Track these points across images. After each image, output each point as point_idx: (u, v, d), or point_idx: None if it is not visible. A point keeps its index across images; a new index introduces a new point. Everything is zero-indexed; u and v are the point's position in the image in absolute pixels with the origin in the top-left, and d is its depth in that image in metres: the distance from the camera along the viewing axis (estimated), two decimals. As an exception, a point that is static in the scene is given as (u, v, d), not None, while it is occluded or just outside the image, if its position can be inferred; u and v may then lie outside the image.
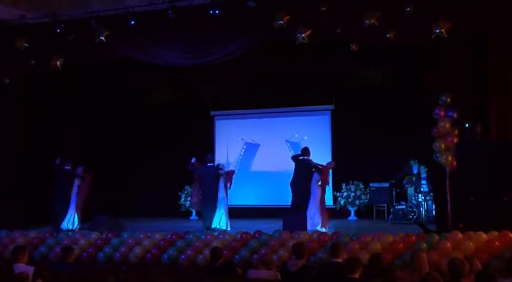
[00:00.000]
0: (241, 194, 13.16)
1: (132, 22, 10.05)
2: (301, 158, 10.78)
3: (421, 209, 11.81)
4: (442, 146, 9.36)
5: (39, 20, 10.53)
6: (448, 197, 9.27)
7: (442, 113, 9.40)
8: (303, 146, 11.07)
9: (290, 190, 10.82)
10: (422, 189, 11.99)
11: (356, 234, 8.77)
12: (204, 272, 7.11)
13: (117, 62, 11.15)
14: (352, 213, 13.06)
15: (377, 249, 7.97)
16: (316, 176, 10.53)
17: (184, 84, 13.78)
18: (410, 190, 12.26)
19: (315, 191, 10.49)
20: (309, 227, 9.85)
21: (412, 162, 12.23)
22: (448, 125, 9.35)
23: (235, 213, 13.14)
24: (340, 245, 6.85)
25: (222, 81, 13.65)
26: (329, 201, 12.50)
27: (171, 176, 14.15)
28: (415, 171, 12.27)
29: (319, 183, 10.54)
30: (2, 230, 10.09)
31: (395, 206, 11.98)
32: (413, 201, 11.91)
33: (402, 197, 12.39)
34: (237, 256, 8.60)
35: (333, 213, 11.80)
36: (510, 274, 5.17)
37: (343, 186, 13.05)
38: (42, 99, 12.75)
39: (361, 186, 12.98)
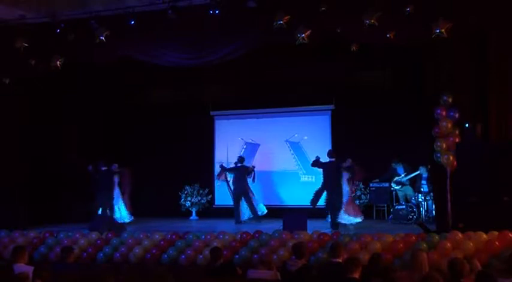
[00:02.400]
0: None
1: (132, 22, 10.04)
2: (329, 160, 11.38)
3: (421, 209, 11.81)
4: (444, 145, 9.36)
5: (39, 20, 10.52)
6: (448, 197, 9.27)
7: (444, 113, 9.40)
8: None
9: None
10: (422, 189, 12.00)
11: (356, 234, 8.78)
12: (204, 272, 7.11)
13: (117, 62, 11.14)
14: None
15: (377, 249, 7.97)
16: (345, 174, 11.22)
17: (184, 84, 13.77)
18: (401, 191, 12.27)
19: (346, 189, 11.26)
20: (347, 222, 11.00)
21: (394, 164, 12.25)
22: (449, 125, 9.35)
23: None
24: (340, 245, 6.87)
25: (222, 81, 13.64)
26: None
27: (171, 176, 14.16)
28: (400, 172, 12.28)
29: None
30: (2, 230, 10.10)
31: (395, 206, 11.99)
32: (413, 201, 11.92)
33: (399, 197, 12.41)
34: (237, 256, 8.60)
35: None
36: (510, 274, 5.17)
37: (343, 186, 13.02)
38: (42, 99, 12.75)
39: (361, 186, 12.97)
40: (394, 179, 12.27)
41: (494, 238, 8.00)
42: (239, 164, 12.75)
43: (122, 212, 12.51)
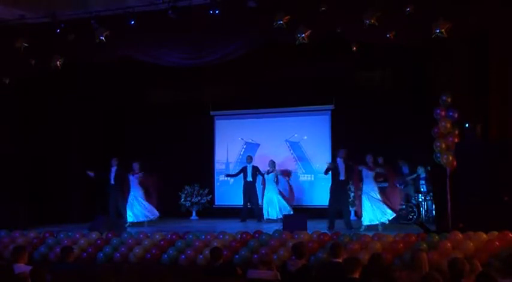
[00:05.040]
0: (241, 194, 13.15)
1: (132, 22, 10.04)
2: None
3: (421, 209, 11.82)
4: (443, 146, 9.37)
5: (39, 20, 10.52)
6: (448, 197, 9.28)
7: (443, 113, 9.41)
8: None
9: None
10: (422, 189, 11.99)
11: (356, 234, 8.78)
12: (204, 272, 7.11)
13: (117, 62, 11.14)
14: (352, 213, 13.01)
15: (377, 249, 7.98)
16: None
17: (184, 84, 13.75)
18: (403, 191, 12.26)
19: None
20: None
21: (400, 162, 12.24)
22: (449, 125, 9.36)
23: (235, 213, 13.19)
24: (340, 245, 6.87)
25: (222, 81, 13.63)
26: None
27: (171, 176, 14.14)
28: (405, 171, 12.27)
29: None
30: (2, 230, 10.10)
31: (395, 206, 11.98)
32: (413, 201, 11.92)
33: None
34: (237, 256, 8.60)
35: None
36: (509, 274, 5.17)
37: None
38: (42, 100, 12.76)
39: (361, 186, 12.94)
40: (398, 178, 12.23)
41: (494, 238, 8.00)
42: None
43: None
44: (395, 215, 10.84)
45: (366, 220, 10.77)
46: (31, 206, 11.83)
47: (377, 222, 10.63)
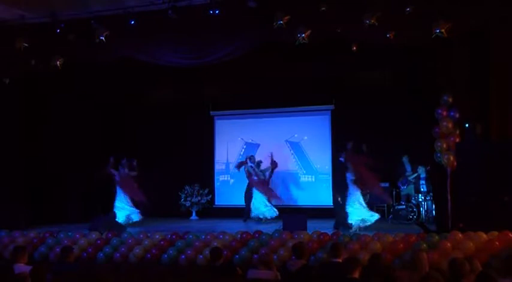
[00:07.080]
0: (241, 194, 13.16)
1: (132, 22, 10.04)
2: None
3: (421, 209, 11.82)
4: (444, 146, 9.35)
5: (39, 20, 10.53)
6: (448, 197, 9.27)
7: (445, 113, 9.40)
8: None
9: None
10: (422, 189, 11.99)
11: (356, 234, 8.78)
12: (204, 272, 7.11)
13: (117, 62, 11.13)
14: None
15: (377, 249, 7.98)
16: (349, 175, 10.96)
17: (184, 84, 13.75)
18: (405, 190, 12.26)
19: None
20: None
21: (404, 158, 12.23)
22: (450, 125, 9.35)
23: (235, 213, 13.20)
24: (340, 245, 6.88)
25: (222, 81, 13.63)
26: (329, 201, 12.51)
27: (171, 176, 14.15)
28: (407, 169, 12.26)
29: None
30: (2, 230, 10.10)
31: (395, 206, 11.98)
32: (413, 201, 11.92)
33: (400, 197, 12.38)
34: (237, 256, 8.60)
35: (332, 213, 11.80)
36: (509, 274, 5.17)
37: (343, 186, 13.00)
38: (42, 100, 12.76)
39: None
40: (401, 178, 12.22)
41: (494, 238, 8.00)
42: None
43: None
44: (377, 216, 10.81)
45: (353, 219, 10.75)
46: (31, 206, 11.83)
47: (362, 224, 10.62)
